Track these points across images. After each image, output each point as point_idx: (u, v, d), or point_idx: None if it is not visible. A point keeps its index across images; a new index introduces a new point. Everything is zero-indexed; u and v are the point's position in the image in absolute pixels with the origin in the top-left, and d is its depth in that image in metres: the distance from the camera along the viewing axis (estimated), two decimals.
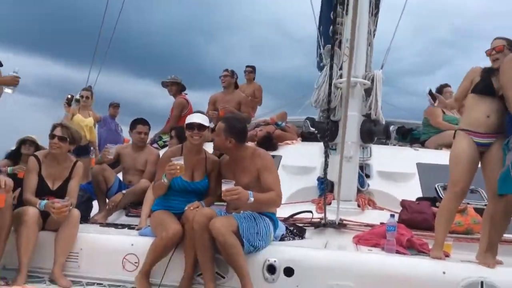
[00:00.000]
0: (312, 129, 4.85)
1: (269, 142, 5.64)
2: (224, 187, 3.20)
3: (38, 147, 5.15)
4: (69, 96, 6.26)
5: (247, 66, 7.98)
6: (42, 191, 3.66)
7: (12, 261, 3.39)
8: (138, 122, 4.87)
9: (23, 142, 5.31)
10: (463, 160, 3.34)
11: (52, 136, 3.74)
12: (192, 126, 3.64)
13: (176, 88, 6.89)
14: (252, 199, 3.22)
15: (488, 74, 3.42)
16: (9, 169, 5.12)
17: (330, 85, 3.46)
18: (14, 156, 5.35)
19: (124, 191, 4.50)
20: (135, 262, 3.40)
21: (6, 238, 3.31)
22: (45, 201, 3.47)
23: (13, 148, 5.46)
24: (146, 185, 4.42)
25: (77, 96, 6.68)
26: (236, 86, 6.94)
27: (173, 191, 3.63)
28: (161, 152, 4.65)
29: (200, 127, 3.64)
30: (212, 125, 4.99)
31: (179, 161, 3.45)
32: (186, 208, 3.38)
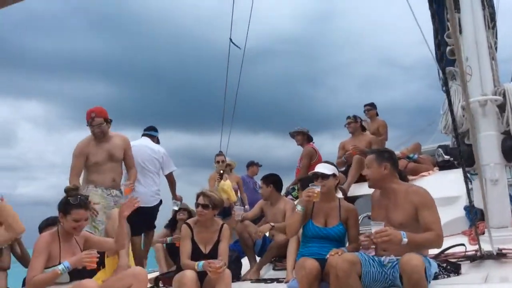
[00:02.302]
0: (447, 157, 4.59)
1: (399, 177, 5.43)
2: (373, 229, 3.11)
3: (190, 213, 5.68)
4: (222, 171, 6.85)
5: (365, 105, 7.87)
6: (197, 255, 3.98)
7: None
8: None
9: (177, 210, 5.93)
10: None
11: (196, 205, 4.11)
12: (316, 175, 3.84)
13: (302, 137, 7.08)
14: (405, 239, 3.01)
15: None
16: (168, 239, 5.74)
17: (451, 111, 3.32)
18: (172, 225, 5.97)
19: (272, 224, 4.64)
20: None
21: None
22: (202, 262, 3.77)
23: (170, 217, 6.11)
24: (283, 238, 4.53)
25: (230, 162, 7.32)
26: (363, 129, 6.90)
27: (308, 238, 3.78)
28: None
29: (323, 176, 3.78)
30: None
31: (318, 188, 3.64)
32: (327, 256, 3.38)
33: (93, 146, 4.53)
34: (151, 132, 5.78)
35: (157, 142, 5.90)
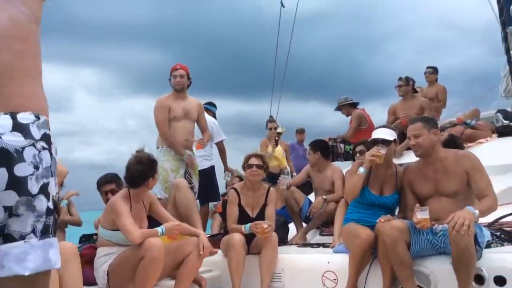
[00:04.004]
0: (506, 122, 4.34)
1: (454, 145, 5.18)
2: (419, 215, 3.01)
3: (241, 179, 5.78)
4: (276, 138, 6.89)
5: (427, 67, 7.53)
6: (244, 219, 4.04)
7: (226, 283, 3.82)
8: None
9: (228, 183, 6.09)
10: None
11: (249, 165, 4.13)
12: (376, 142, 3.62)
13: (345, 108, 6.98)
14: (476, 211, 2.89)
15: None
16: (211, 204, 5.90)
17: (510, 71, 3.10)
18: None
19: (324, 197, 4.60)
20: (334, 279, 3.52)
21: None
22: (249, 224, 3.85)
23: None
24: (333, 206, 4.50)
25: (279, 130, 7.38)
26: (415, 91, 6.64)
27: (361, 204, 3.67)
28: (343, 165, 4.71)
29: (384, 142, 3.58)
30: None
31: (383, 150, 3.47)
32: (377, 221, 3.32)
33: (172, 100, 4.76)
34: (207, 106, 6.07)
35: (214, 116, 6.14)
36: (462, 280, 2.88)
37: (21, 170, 1.27)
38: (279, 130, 7.47)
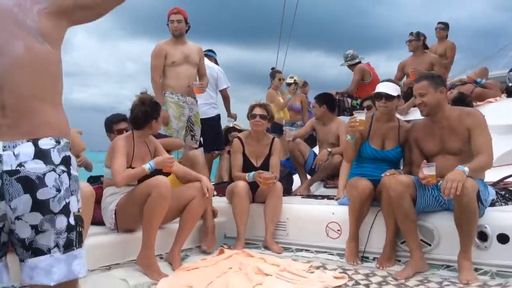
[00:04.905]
0: None
1: (463, 103, 5.13)
2: (425, 171, 2.99)
3: (241, 131, 5.73)
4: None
5: (438, 23, 7.31)
6: (248, 168, 4.04)
7: (231, 230, 3.89)
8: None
9: (228, 131, 6.03)
10: None
11: (253, 116, 4.10)
12: (379, 95, 3.59)
13: (353, 66, 6.84)
14: (466, 169, 2.84)
15: None
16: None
17: None
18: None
19: (329, 149, 4.65)
20: (338, 230, 3.57)
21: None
22: (253, 172, 3.86)
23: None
24: (339, 159, 4.50)
25: (295, 80, 7.28)
26: (426, 47, 6.48)
27: (364, 158, 3.68)
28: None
29: (387, 97, 3.56)
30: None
31: (361, 116, 3.51)
32: (382, 175, 3.32)
33: (171, 46, 4.69)
34: (208, 53, 5.98)
35: (215, 63, 6.01)
36: (464, 236, 2.91)
37: (43, 194, 1.38)
38: (293, 80, 7.36)
